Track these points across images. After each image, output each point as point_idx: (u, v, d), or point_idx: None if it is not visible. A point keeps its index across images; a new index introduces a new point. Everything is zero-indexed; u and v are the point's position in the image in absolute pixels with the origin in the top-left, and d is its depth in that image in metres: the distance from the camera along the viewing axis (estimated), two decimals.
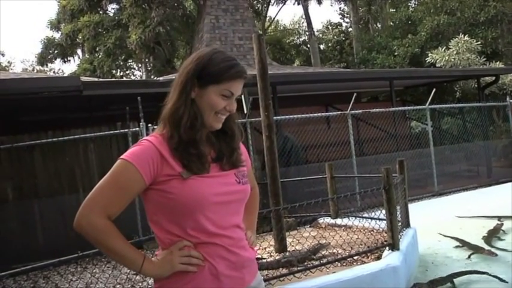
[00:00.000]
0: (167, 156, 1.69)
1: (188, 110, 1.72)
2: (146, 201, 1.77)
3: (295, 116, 9.22)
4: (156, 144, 1.71)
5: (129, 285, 5.05)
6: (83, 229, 1.67)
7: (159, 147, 1.70)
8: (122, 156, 1.71)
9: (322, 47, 29.29)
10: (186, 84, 1.73)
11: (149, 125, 7.38)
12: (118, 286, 5.02)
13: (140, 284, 5.08)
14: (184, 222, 1.71)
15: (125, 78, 28.14)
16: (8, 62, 41.24)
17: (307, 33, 27.94)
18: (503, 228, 6.99)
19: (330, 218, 6.89)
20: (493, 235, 6.72)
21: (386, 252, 4.90)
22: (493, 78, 13.92)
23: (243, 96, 7.27)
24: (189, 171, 1.69)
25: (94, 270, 5.80)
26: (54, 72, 37.17)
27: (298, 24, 34.30)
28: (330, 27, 30.25)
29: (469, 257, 5.86)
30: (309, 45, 27.58)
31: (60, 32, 26.02)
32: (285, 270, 4.48)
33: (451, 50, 16.36)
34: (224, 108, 1.76)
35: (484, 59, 16.70)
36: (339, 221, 6.67)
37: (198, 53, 1.81)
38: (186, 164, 1.69)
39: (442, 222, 7.54)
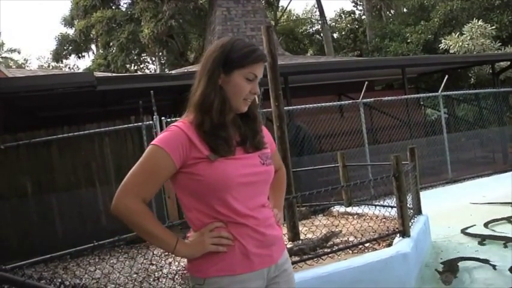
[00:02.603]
0: (195, 140, 1.78)
1: (218, 96, 1.81)
2: (176, 185, 1.86)
3: (307, 105, 9.25)
4: (184, 129, 1.80)
5: (144, 275, 5.17)
6: (120, 212, 1.77)
7: (187, 132, 1.79)
8: (152, 142, 1.81)
9: (335, 35, 29.10)
10: (213, 72, 1.83)
11: (162, 118, 7.48)
12: (134, 275, 5.13)
13: (156, 273, 5.19)
14: (213, 202, 1.79)
15: (138, 73, 28.30)
16: (24, 59, 41.85)
17: (319, 22, 27.77)
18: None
19: (342, 206, 6.94)
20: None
21: (397, 239, 4.94)
22: (508, 63, 13.75)
23: None
24: (215, 154, 1.78)
25: (111, 261, 5.92)
26: (69, 68, 37.53)
27: (311, 13, 34.10)
28: (343, 16, 30.00)
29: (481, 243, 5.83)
30: (322, 34, 27.42)
31: (74, 29, 26.25)
32: (296, 258, 4.54)
33: (465, 35, 16.14)
34: (249, 92, 1.86)
35: (499, 43, 16.44)
36: (351, 209, 6.72)
37: (219, 41, 1.91)
38: (213, 147, 1.79)
39: (455, 209, 7.53)
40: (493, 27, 16.53)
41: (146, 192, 1.80)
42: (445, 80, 10.56)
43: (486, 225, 6.63)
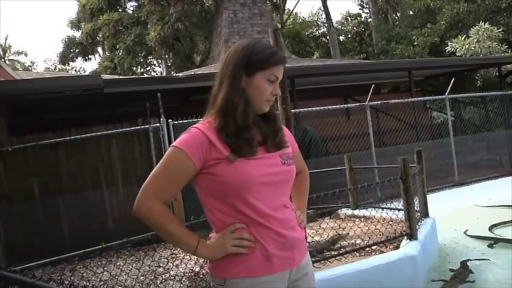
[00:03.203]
0: (214, 141, 1.79)
1: (241, 98, 1.83)
2: (197, 187, 1.88)
3: (314, 108, 9.25)
4: (203, 130, 1.81)
5: (152, 277, 5.18)
6: (142, 214, 1.79)
7: (206, 133, 1.80)
8: (173, 144, 1.83)
9: (341, 38, 29.10)
10: (236, 74, 1.84)
11: (169, 120, 7.50)
12: (141, 277, 5.14)
13: (163, 276, 5.20)
14: (235, 202, 1.80)
15: (145, 75, 28.39)
16: (31, 62, 42.07)
17: (326, 25, 27.77)
18: None
19: (349, 209, 6.94)
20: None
21: (404, 242, 4.93)
22: None
23: None
24: (236, 155, 1.79)
25: (118, 263, 5.93)
26: (75, 70, 37.68)
27: (317, 16, 34.12)
28: (349, 18, 30.01)
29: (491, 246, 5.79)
30: (328, 37, 27.43)
31: (80, 31, 26.33)
32: None
33: (471, 38, 16.13)
34: (271, 93, 1.87)
35: (506, 46, 16.41)
36: (358, 212, 6.72)
37: (240, 44, 1.92)
38: (236, 148, 1.79)
39: (461, 212, 7.51)
40: (500, 30, 16.50)
41: (167, 194, 1.82)
42: (451, 83, 10.54)
43: (492, 228, 6.61)
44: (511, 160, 12.08)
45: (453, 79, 10.69)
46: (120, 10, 24.11)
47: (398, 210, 5.51)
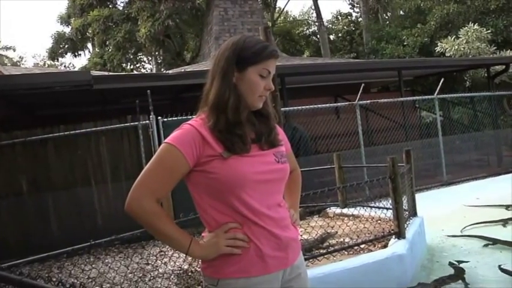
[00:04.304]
0: (208, 137, 1.77)
1: (233, 94, 1.81)
2: (191, 185, 1.85)
3: (303, 107, 9.28)
4: (196, 127, 1.79)
5: (140, 274, 5.17)
6: (134, 212, 1.75)
7: (200, 130, 1.78)
8: (165, 141, 1.80)
9: (332, 37, 29.17)
10: (227, 70, 1.82)
11: (159, 117, 7.48)
12: (130, 275, 5.13)
13: (151, 273, 5.19)
14: (229, 200, 1.78)
15: (135, 72, 28.25)
16: (20, 57, 41.71)
17: (316, 23, 27.82)
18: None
19: (338, 207, 6.96)
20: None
21: (393, 240, 4.96)
22: (503, 67, 13.82)
23: None
24: (229, 152, 1.77)
25: (107, 260, 5.92)
26: (65, 66, 37.42)
27: (308, 14, 34.20)
28: (340, 18, 30.11)
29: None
30: (318, 36, 27.49)
31: (70, 27, 26.16)
32: None
33: (461, 39, 16.23)
34: (264, 88, 1.85)
35: (495, 47, 16.54)
36: (346, 210, 6.74)
37: (230, 40, 1.90)
38: (229, 145, 1.77)
39: (449, 212, 7.57)
40: (489, 31, 16.62)
41: (160, 192, 1.79)
42: (441, 83, 10.62)
43: (477, 227, 6.67)
44: (499, 160, 12.20)
45: (442, 79, 10.76)
46: (110, 6, 23.96)
47: (387, 209, 5.54)
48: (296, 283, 1.95)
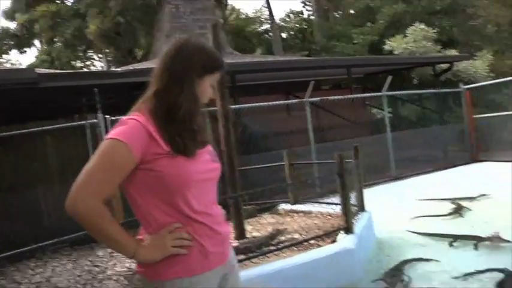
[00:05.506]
0: (154, 134, 1.72)
1: (193, 99, 1.81)
2: (132, 183, 1.76)
3: (254, 104, 9.29)
4: (142, 122, 1.73)
5: (89, 277, 5.07)
6: (78, 213, 1.64)
7: (146, 125, 1.72)
8: (109, 136, 1.71)
9: (284, 35, 29.33)
10: (192, 76, 1.82)
11: (107, 116, 7.33)
12: (78, 278, 5.02)
13: (101, 274, 5.10)
14: (174, 199, 1.75)
15: (85, 70, 27.61)
16: None
17: (269, 21, 27.94)
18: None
19: (288, 204, 7.01)
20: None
21: (341, 235, 5.03)
22: (448, 65, 14.28)
23: None
24: (179, 153, 1.74)
25: (54, 264, 5.77)
26: (11, 63, 36.13)
27: (260, 12, 34.25)
28: (292, 16, 30.32)
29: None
30: (271, 34, 27.60)
31: (15, 22, 25.30)
32: (242, 257, 4.56)
33: (408, 37, 16.70)
34: (209, 96, 1.91)
35: (440, 46, 17.10)
36: (297, 207, 6.80)
37: (191, 44, 1.87)
38: (180, 147, 1.74)
39: (398, 206, 7.73)
40: (434, 31, 17.15)
41: (105, 190, 1.68)
42: (388, 80, 10.86)
43: (426, 221, 6.83)
44: (445, 155, 12.60)
45: (390, 77, 11.01)
46: (58, 2, 23.32)
47: (336, 204, 5.62)
48: (231, 276, 2.00)
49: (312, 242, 4.93)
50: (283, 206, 6.99)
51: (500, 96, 12.84)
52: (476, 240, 5.42)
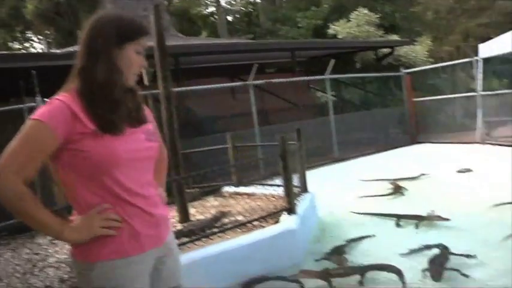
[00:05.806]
0: (79, 113, 1.70)
1: (116, 72, 1.78)
2: (59, 164, 1.76)
3: (197, 87, 9.23)
4: (67, 102, 1.71)
5: (29, 265, 4.93)
6: (0, 195, 1.63)
7: (70, 105, 1.70)
8: (32, 117, 1.70)
9: (230, 18, 29.18)
10: (110, 48, 1.78)
11: (46, 99, 7.10)
12: (17, 268, 4.87)
13: (41, 262, 4.97)
14: (102, 179, 1.74)
15: (23, 51, 26.53)
16: None
17: (214, 4, 27.70)
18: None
19: (232, 187, 7.04)
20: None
21: (284, 216, 5.11)
22: (390, 49, 14.65)
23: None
24: (104, 131, 1.72)
25: None
26: None
27: None
28: None
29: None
30: (216, 17, 27.40)
31: None
32: (186, 239, 4.57)
33: (352, 22, 16.98)
34: (139, 65, 1.85)
35: (382, 31, 17.49)
36: (241, 189, 6.84)
37: (105, 16, 1.85)
38: (105, 125, 1.72)
39: (340, 187, 7.91)
40: (377, 16, 17.51)
41: (29, 172, 1.67)
42: (331, 64, 11.03)
43: (370, 201, 7.00)
44: (386, 137, 12.97)
45: (333, 60, 11.18)
46: None
47: (279, 186, 5.69)
48: (169, 259, 1.99)
49: (255, 223, 4.98)
50: (227, 189, 7.02)
51: (439, 81, 13.32)
52: (417, 220, 5.62)
